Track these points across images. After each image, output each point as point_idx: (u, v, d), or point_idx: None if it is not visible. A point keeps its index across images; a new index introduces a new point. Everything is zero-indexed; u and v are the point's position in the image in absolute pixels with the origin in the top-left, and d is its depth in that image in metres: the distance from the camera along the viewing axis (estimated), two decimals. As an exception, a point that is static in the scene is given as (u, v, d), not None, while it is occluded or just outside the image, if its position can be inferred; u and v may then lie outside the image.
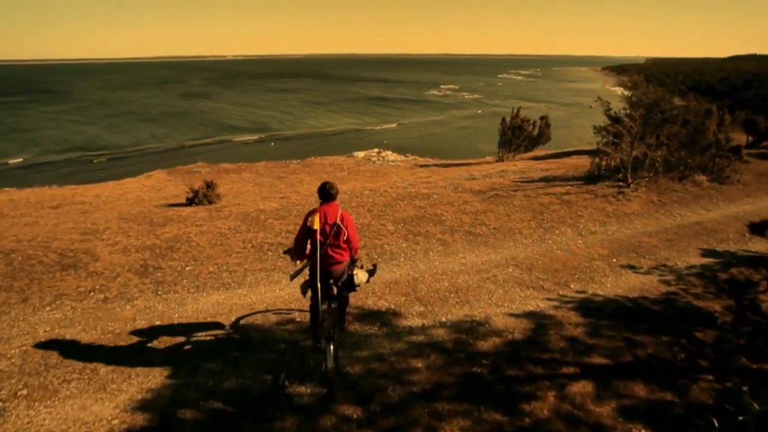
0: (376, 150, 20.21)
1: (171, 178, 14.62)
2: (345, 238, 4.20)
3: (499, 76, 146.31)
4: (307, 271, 4.24)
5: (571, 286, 6.39)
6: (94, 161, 34.78)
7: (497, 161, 17.37)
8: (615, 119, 20.09)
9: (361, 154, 19.39)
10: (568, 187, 10.83)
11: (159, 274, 5.88)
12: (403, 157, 20.14)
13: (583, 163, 14.48)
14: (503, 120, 17.87)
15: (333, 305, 4.15)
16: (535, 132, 18.85)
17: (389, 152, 20.31)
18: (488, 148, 35.69)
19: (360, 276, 4.40)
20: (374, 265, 4.82)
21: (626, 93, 19.26)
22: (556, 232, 8.18)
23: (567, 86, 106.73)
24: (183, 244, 6.78)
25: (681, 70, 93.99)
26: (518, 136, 17.68)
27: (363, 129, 48.77)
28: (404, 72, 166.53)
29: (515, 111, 18.00)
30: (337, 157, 18.98)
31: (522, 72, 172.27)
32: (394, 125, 51.07)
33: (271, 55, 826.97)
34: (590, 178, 11.80)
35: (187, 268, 6.06)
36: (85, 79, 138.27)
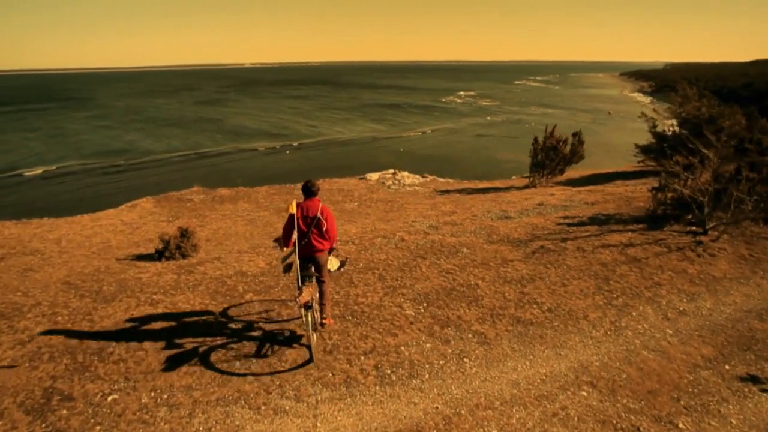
0: (391, 171, 18.21)
1: (157, 209, 12.84)
2: (325, 228, 4.75)
3: (516, 82, 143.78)
4: (294, 255, 4.59)
5: (680, 425, 4.27)
6: (117, 172, 34.15)
7: (528, 187, 15.21)
8: (661, 138, 17.57)
9: (374, 176, 17.42)
10: (630, 234, 8.68)
11: (64, 412, 3.95)
12: (420, 179, 18.12)
13: (633, 192, 12.29)
14: (535, 140, 15.71)
15: (313, 281, 4.69)
16: (567, 149, 16.58)
17: (405, 173, 18.31)
18: (509, 156, 33.59)
19: (333, 263, 4.98)
20: (346, 258, 5.59)
21: (677, 109, 16.91)
22: (633, 313, 6.05)
23: (584, 92, 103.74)
24: (120, 343, 4.87)
25: (702, 75, 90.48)
26: (552, 159, 15.48)
27: (379, 137, 47.10)
28: (421, 79, 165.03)
29: (549, 130, 15.81)
30: (348, 180, 17.06)
31: (539, 78, 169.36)
32: (411, 133, 49.31)
33: (287, 63, 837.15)
34: (653, 219, 9.60)
35: (110, 398, 4.12)
36: (107, 87, 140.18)
